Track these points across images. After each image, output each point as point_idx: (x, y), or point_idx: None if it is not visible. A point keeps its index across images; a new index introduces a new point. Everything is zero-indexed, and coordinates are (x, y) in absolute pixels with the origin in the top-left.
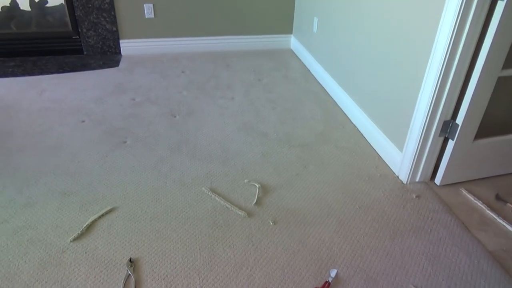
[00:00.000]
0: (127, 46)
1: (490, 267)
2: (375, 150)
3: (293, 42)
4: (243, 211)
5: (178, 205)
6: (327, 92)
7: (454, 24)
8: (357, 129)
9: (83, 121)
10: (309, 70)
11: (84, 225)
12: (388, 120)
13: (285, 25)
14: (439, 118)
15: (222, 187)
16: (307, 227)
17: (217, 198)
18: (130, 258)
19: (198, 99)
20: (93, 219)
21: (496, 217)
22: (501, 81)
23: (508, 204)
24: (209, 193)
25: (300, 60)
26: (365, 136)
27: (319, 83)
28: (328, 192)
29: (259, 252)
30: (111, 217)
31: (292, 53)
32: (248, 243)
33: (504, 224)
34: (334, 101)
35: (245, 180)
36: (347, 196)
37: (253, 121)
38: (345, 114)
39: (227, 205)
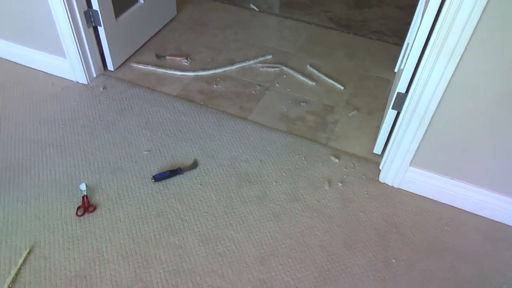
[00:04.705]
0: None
1: (184, 106)
2: (41, 70)
3: None
4: None
5: None
6: None
7: None
8: (4, 59)
9: None
10: None
11: None
12: (37, 35)
13: None
14: (78, 10)
15: None
16: None
17: None
18: None
19: None
20: None
21: (165, 71)
22: None
23: (167, 57)
24: None
25: None
26: (19, 63)
27: None
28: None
29: None
30: None
31: None
32: None
33: (173, 72)
34: None
35: None
36: (42, 119)
37: None
38: None
39: None
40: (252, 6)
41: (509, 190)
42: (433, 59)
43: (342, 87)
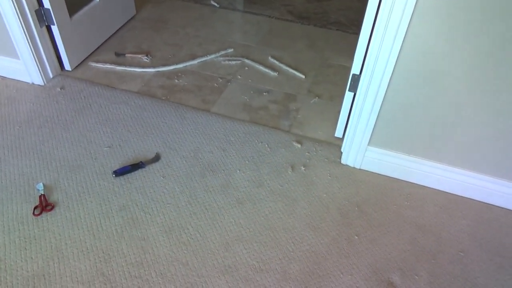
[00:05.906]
0: None
1: (145, 101)
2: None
3: None
4: None
5: None
6: None
7: None
8: None
9: None
10: None
11: None
12: None
13: None
14: (29, 9)
15: None
16: None
17: None
18: None
19: None
20: None
21: (125, 68)
22: None
23: (127, 55)
24: None
25: None
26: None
27: None
28: None
29: None
30: None
31: None
32: None
33: (133, 69)
34: None
35: None
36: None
37: None
38: None
39: None
40: (212, 2)
41: (461, 162)
42: (380, 38)
43: (303, 76)
